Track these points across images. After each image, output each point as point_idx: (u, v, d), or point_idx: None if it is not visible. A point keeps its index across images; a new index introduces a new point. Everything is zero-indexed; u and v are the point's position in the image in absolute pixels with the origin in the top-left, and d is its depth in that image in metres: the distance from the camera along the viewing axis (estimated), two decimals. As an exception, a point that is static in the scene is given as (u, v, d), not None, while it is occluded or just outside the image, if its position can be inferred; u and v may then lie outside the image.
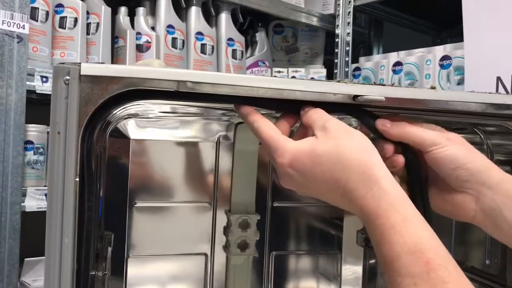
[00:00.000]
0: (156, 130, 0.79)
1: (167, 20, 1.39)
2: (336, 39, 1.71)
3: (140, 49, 1.34)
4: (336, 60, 1.70)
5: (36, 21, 1.12)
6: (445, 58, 1.34)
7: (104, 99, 0.43)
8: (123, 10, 1.34)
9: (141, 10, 1.36)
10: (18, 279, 1.12)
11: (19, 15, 1.03)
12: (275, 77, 1.43)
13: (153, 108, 0.68)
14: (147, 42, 1.34)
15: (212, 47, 1.47)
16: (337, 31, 1.71)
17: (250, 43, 1.69)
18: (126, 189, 0.77)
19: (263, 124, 0.50)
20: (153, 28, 1.38)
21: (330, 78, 1.67)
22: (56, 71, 0.43)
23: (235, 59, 1.53)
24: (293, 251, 0.89)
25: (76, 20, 1.20)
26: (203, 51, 1.45)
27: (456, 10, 1.22)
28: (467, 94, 0.56)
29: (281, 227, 0.88)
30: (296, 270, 0.90)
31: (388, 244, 0.41)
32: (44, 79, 1.09)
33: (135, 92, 0.46)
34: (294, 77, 1.59)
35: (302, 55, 1.80)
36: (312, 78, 1.60)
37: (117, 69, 0.44)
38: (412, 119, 0.55)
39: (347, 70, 1.67)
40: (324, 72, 1.66)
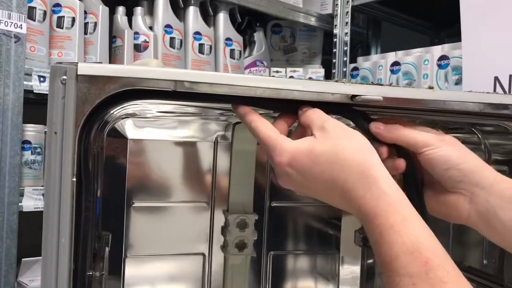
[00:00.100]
0: (153, 130, 0.79)
1: (165, 19, 1.38)
2: (334, 39, 1.71)
3: (138, 49, 1.34)
4: (334, 60, 1.70)
5: (34, 20, 1.12)
6: (443, 58, 1.34)
7: (101, 99, 0.43)
8: (120, 9, 1.34)
9: (139, 10, 1.36)
10: (16, 279, 1.12)
11: (16, 14, 1.03)
12: (273, 76, 1.43)
13: (150, 108, 0.67)
14: (145, 42, 1.34)
15: (210, 47, 1.47)
16: (335, 31, 1.71)
17: (248, 43, 1.69)
18: (124, 189, 0.77)
19: (261, 124, 0.50)
20: (151, 28, 1.38)
21: (328, 78, 1.68)
22: (53, 71, 0.43)
23: (233, 59, 1.53)
24: (291, 251, 0.89)
25: (73, 19, 1.20)
26: (201, 51, 1.45)
27: (454, 10, 1.22)
28: (464, 94, 0.56)
29: (279, 227, 0.88)
30: (294, 270, 0.90)
31: (387, 244, 0.41)
32: (42, 79, 1.09)
33: (132, 92, 0.45)
34: (292, 77, 1.59)
35: (300, 55, 1.80)
36: (310, 78, 1.60)
37: (114, 68, 0.44)
38: (410, 119, 0.56)
39: (345, 70, 1.67)
40: (322, 72, 1.66)
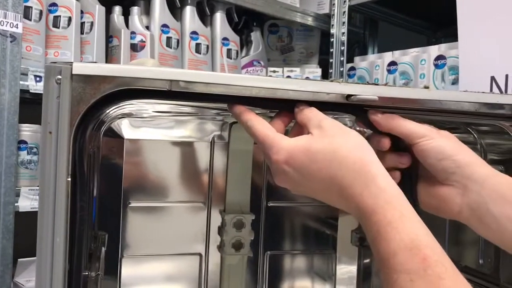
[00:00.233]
0: (150, 130, 0.79)
1: (161, 19, 1.38)
2: (331, 39, 1.71)
3: (134, 48, 1.34)
4: (331, 60, 1.70)
5: (30, 20, 1.12)
6: (439, 58, 1.34)
7: (96, 99, 0.43)
8: (117, 9, 1.34)
9: (135, 10, 1.36)
10: (12, 279, 1.11)
11: (12, 14, 1.03)
12: (270, 76, 1.43)
13: (147, 108, 0.67)
14: (142, 41, 1.33)
15: (207, 46, 1.47)
16: (332, 30, 1.71)
17: (245, 43, 1.69)
18: (120, 189, 0.77)
19: (257, 123, 0.50)
20: (147, 27, 1.38)
21: (325, 78, 1.68)
22: (47, 70, 0.43)
23: (230, 58, 1.53)
24: (287, 251, 0.89)
25: (70, 19, 1.20)
26: (198, 50, 1.45)
27: (451, 10, 1.22)
28: (460, 93, 0.56)
29: (275, 227, 0.88)
30: (291, 270, 0.90)
31: (385, 241, 0.41)
32: (38, 79, 1.08)
33: (127, 92, 0.45)
34: (289, 76, 1.59)
35: (297, 54, 1.80)
36: (307, 78, 1.60)
37: (109, 68, 0.44)
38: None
39: (342, 69, 1.67)
40: (319, 71, 1.66)
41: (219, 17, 1.52)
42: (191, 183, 0.82)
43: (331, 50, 1.70)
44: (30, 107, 1.06)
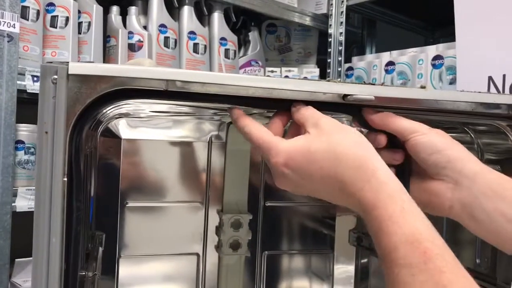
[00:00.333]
0: (147, 130, 0.79)
1: (159, 19, 1.38)
2: (329, 39, 1.71)
3: (132, 48, 1.33)
4: (329, 60, 1.70)
5: (27, 20, 1.11)
6: (437, 57, 1.34)
7: (93, 99, 0.43)
8: (115, 9, 1.33)
9: (133, 9, 1.36)
10: (9, 279, 1.11)
11: (9, 14, 1.02)
12: (268, 76, 1.43)
13: (144, 108, 0.67)
14: (139, 41, 1.33)
15: (205, 46, 1.47)
16: (330, 30, 1.71)
17: (243, 43, 1.69)
18: (118, 189, 0.77)
19: (254, 128, 0.50)
20: (145, 27, 1.38)
21: (323, 78, 1.68)
22: (43, 70, 0.43)
23: (228, 58, 1.52)
24: (285, 251, 0.89)
25: (67, 19, 1.20)
26: (195, 50, 1.45)
27: (449, 10, 1.22)
28: (457, 93, 0.57)
29: (273, 227, 0.88)
30: (289, 270, 0.90)
31: (386, 235, 0.41)
32: (35, 79, 1.08)
33: (124, 92, 0.45)
34: (287, 76, 1.59)
35: (295, 54, 1.80)
36: (305, 78, 1.60)
37: (105, 68, 0.43)
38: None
39: (340, 69, 1.68)
40: (317, 71, 1.66)
41: (217, 17, 1.52)
42: (188, 183, 0.82)
43: (329, 50, 1.71)
44: (28, 107, 1.06)
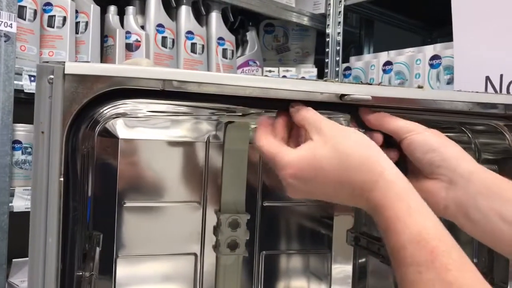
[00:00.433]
0: (145, 130, 0.78)
1: (157, 19, 1.38)
2: (327, 39, 1.71)
3: (129, 48, 1.33)
4: (326, 60, 1.70)
5: (24, 20, 1.11)
6: (434, 57, 1.35)
7: (89, 98, 0.43)
8: (112, 9, 1.33)
9: (130, 9, 1.36)
10: (6, 280, 1.11)
11: (6, 13, 1.02)
12: (266, 76, 1.43)
13: (141, 108, 0.67)
14: (137, 41, 1.33)
15: (203, 46, 1.47)
16: (327, 30, 1.71)
17: (241, 43, 1.68)
18: (115, 189, 0.77)
19: (264, 142, 0.51)
20: (142, 27, 1.37)
21: (321, 78, 1.68)
22: (40, 70, 0.43)
23: (226, 58, 1.52)
24: (283, 251, 0.89)
25: (64, 19, 1.19)
26: (193, 50, 1.45)
27: (447, 10, 1.23)
28: (454, 93, 0.57)
29: (271, 227, 0.88)
30: (286, 270, 0.90)
31: (394, 234, 0.41)
32: (32, 78, 1.08)
33: (120, 91, 0.45)
34: (285, 76, 1.59)
35: (293, 54, 1.80)
36: (303, 78, 1.60)
37: (101, 68, 0.43)
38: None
39: (337, 69, 1.68)
40: (315, 71, 1.66)
41: (215, 16, 1.52)
42: (186, 183, 0.81)
43: (327, 50, 1.71)
44: (25, 107, 1.06)
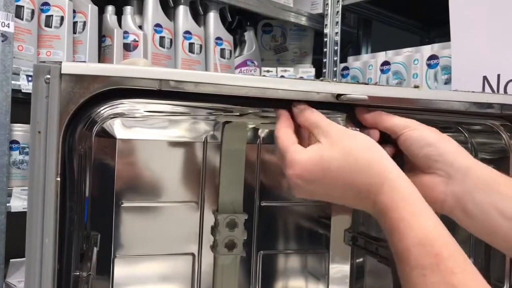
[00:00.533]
0: (142, 130, 0.78)
1: (154, 19, 1.38)
2: (325, 39, 1.71)
3: (127, 48, 1.33)
4: (324, 60, 1.70)
5: (22, 19, 1.11)
6: (432, 57, 1.35)
7: (86, 98, 0.43)
8: (110, 9, 1.33)
9: (128, 9, 1.35)
10: (4, 280, 1.11)
11: (3, 13, 1.02)
12: (264, 76, 1.43)
13: (138, 108, 0.67)
14: (135, 41, 1.33)
15: (200, 46, 1.47)
16: (325, 30, 1.71)
17: (239, 43, 1.68)
18: (113, 189, 0.77)
19: (282, 133, 0.51)
20: (140, 27, 1.37)
21: (319, 78, 1.68)
22: (36, 70, 0.43)
23: (224, 58, 1.52)
24: (281, 251, 0.89)
25: (62, 18, 1.19)
26: (191, 50, 1.45)
27: (445, 10, 1.23)
28: (450, 93, 0.57)
29: (268, 227, 0.88)
30: (284, 269, 0.90)
31: (399, 236, 0.42)
32: (30, 78, 1.08)
33: (117, 91, 0.45)
34: (283, 76, 1.59)
35: (291, 54, 1.80)
36: (301, 78, 1.60)
37: (98, 68, 0.43)
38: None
39: (335, 69, 1.68)
40: (312, 71, 1.66)
41: (213, 16, 1.52)
42: (184, 183, 0.82)
43: (325, 50, 1.71)
44: (22, 107, 1.05)
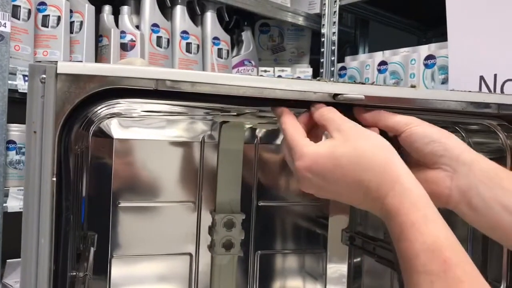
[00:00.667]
0: (139, 130, 0.78)
1: (151, 18, 1.38)
2: (322, 39, 1.71)
3: (124, 48, 1.33)
4: (322, 60, 1.70)
5: (18, 19, 1.11)
6: (429, 57, 1.35)
7: (82, 98, 0.43)
8: (107, 8, 1.33)
9: (125, 9, 1.35)
10: (0, 280, 1.11)
11: (0, 13, 1.02)
12: (261, 76, 1.43)
13: (135, 107, 0.67)
14: (132, 41, 1.33)
15: (198, 46, 1.47)
16: (323, 30, 1.71)
17: (236, 42, 1.68)
18: (110, 189, 0.76)
19: (290, 126, 0.51)
20: (137, 27, 1.37)
21: (316, 78, 1.68)
22: (32, 69, 0.43)
23: (221, 58, 1.52)
24: (278, 250, 0.89)
25: (59, 18, 1.19)
26: (188, 50, 1.45)
27: (442, 10, 1.23)
28: (447, 92, 0.57)
29: (266, 226, 0.88)
30: (282, 269, 0.90)
31: (408, 241, 0.41)
32: (26, 78, 1.07)
33: (114, 91, 0.45)
34: (280, 76, 1.59)
35: (288, 54, 1.80)
36: (298, 77, 1.60)
37: (94, 67, 0.43)
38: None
39: (333, 69, 1.68)
40: (310, 71, 1.66)
41: (210, 16, 1.51)
42: (181, 183, 0.81)
43: (322, 50, 1.71)
44: (19, 106, 1.05)
